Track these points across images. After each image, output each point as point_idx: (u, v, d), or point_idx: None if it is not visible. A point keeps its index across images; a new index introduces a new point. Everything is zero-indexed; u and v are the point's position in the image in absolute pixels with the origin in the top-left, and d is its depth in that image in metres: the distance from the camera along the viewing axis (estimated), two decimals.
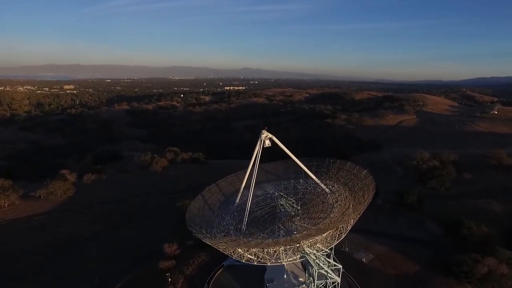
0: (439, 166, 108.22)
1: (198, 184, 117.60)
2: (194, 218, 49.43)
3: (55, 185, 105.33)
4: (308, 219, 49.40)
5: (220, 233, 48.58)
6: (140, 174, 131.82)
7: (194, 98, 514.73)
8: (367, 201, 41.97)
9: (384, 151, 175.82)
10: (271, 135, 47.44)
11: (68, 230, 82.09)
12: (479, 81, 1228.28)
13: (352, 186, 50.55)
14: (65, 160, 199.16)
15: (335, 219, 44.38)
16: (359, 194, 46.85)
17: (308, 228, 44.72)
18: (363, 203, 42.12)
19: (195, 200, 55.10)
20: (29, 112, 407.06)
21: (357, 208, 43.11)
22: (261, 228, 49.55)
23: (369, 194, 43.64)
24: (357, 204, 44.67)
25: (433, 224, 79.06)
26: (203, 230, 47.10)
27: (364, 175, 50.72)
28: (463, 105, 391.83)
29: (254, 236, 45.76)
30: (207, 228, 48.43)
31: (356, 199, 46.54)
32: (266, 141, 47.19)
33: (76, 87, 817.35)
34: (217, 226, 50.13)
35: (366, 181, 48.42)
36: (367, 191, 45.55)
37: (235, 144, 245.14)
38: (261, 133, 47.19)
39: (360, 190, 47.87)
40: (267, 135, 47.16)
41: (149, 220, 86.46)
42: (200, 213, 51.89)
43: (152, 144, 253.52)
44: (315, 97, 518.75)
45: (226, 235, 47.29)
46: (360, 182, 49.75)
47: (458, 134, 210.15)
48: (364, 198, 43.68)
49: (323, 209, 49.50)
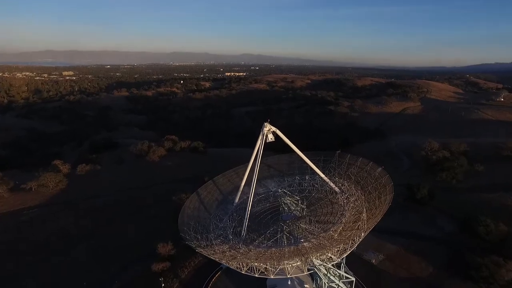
0: (450, 157, 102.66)
1: (196, 175, 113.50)
2: (188, 221, 44.34)
3: (47, 177, 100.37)
4: (315, 223, 44.27)
5: (217, 238, 43.55)
6: (136, 164, 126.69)
7: (194, 84, 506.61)
8: (385, 205, 36.75)
9: (389, 139, 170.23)
10: (275, 128, 41.86)
11: (57, 227, 77.50)
12: (483, 67, 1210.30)
13: (365, 185, 45.25)
14: (61, 148, 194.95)
15: (348, 227, 39.16)
16: (373, 195, 41.59)
17: (317, 236, 39.60)
18: (380, 208, 36.92)
19: (189, 200, 50.00)
20: (27, 99, 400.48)
21: (373, 213, 37.89)
22: (262, 232, 44.50)
23: (386, 197, 38.35)
24: (372, 208, 39.41)
25: (446, 220, 74.15)
26: (197, 235, 42.06)
27: (379, 174, 45.30)
28: (467, 92, 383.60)
29: (255, 244, 40.68)
30: (202, 232, 43.38)
31: (371, 201, 41.30)
32: (269, 135, 41.69)
33: (75, 73, 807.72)
34: (214, 229, 45.07)
35: (382, 181, 43.05)
36: (383, 192, 40.25)
37: (236, 131, 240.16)
38: (263, 126, 41.61)
39: (374, 191, 42.60)
40: (270, 128, 41.60)
41: (143, 215, 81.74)
42: (195, 214, 46.82)
43: (151, 131, 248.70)
44: (317, 83, 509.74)
45: (224, 241, 42.23)
46: (374, 181, 44.43)
47: (464, 122, 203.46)
48: (381, 202, 38.44)
49: (333, 211, 44.32)
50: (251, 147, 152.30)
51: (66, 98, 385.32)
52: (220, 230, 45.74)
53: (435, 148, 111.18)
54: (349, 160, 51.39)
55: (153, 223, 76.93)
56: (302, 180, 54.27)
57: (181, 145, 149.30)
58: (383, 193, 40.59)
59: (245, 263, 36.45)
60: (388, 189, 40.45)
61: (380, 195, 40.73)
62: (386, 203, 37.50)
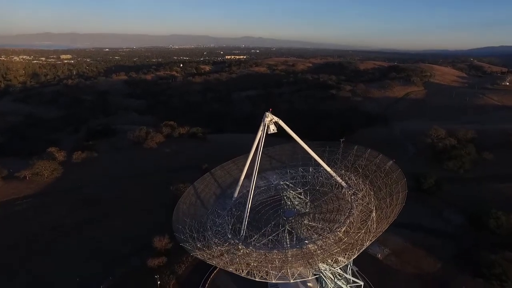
0: (457, 145, 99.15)
1: (195, 163, 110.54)
2: (184, 218, 41.26)
3: (41, 165, 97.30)
4: (320, 220, 41.13)
5: (215, 236, 40.55)
6: (134, 151, 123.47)
7: (194, 67, 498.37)
8: (398, 205, 33.49)
9: (393, 125, 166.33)
10: (277, 118, 38.21)
11: (50, 218, 74.91)
12: (488, 51, 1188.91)
13: (374, 180, 41.91)
14: (58, 134, 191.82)
15: (357, 227, 35.94)
16: (383, 192, 38.33)
17: (323, 237, 36.50)
18: (392, 207, 33.65)
19: (185, 195, 46.82)
20: (25, 83, 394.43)
21: (384, 213, 34.67)
22: (263, 229, 41.42)
23: (398, 195, 35.03)
24: (383, 206, 36.17)
25: (453, 212, 71.42)
26: (194, 234, 39.06)
27: (390, 168, 41.90)
28: (471, 76, 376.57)
29: (255, 245, 37.65)
30: (199, 230, 40.37)
31: (381, 198, 38.06)
32: (271, 126, 38.09)
33: (73, 56, 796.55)
34: (211, 227, 42.04)
35: (393, 176, 39.70)
36: (394, 189, 36.91)
37: (236, 116, 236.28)
38: (264, 116, 37.94)
39: (384, 187, 39.31)
40: (272, 118, 37.97)
41: (139, 206, 78.84)
42: (192, 211, 43.70)
43: (149, 116, 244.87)
44: (318, 66, 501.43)
45: (222, 240, 39.20)
46: (384, 175, 41.08)
47: (470, 108, 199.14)
48: (393, 200, 35.17)
49: (339, 207, 41.12)
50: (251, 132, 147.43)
51: (64, 82, 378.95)
52: (218, 227, 42.73)
53: (441, 135, 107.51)
54: (356, 151, 47.83)
55: (150, 214, 74.22)
56: (306, 172, 50.87)
57: (180, 131, 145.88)
58: (395, 189, 37.33)
59: (244, 266, 33.58)
60: (400, 186, 37.17)
61: (392, 191, 37.49)
62: (398, 202, 34.29)
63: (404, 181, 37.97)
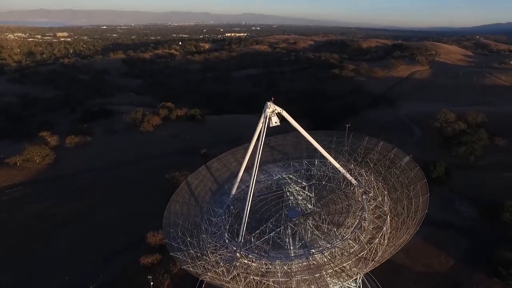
0: (467, 129, 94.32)
1: (193, 147, 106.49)
2: (176, 219, 37.26)
3: (32, 151, 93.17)
4: (328, 223, 37.04)
5: (210, 238, 36.70)
6: (130, 134, 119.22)
7: (193, 46, 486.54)
8: (419, 213, 29.26)
9: (398, 106, 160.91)
10: (280, 109, 33.52)
11: (40, 208, 71.34)
12: (494, 28, 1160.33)
13: (387, 177, 37.58)
14: (54, 116, 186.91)
15: (369, 232, 31.91)
16: (399, 194, 34.07)
17: (331, 242, 32.51)
18: (412, 214, 29.43)
19: (178, 191, 42.64)
20: (20, 62, 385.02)
21: (402, 221, 30.52)
22: (263, 231, 37.46)
23: (418, 200, 30.74)
24: (399, 210, 32.00)
25: (465, 204, 67.58)
26: (187, 238, 35.16)
27: (407, 164, 37.46)
28: (477, 55, 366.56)
29: (254, 250, 33.77)
30: (193, 233, 36.44)
31: (397, 201, 33.82)
32: (273, 118, 33.43)
33: (70, 34, 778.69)
34: (207, 229, 38.09)
35: (410, 174, 35.33)
36: (412, 190, 32.61)
37: (236, 96, 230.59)
38: (265, 106, 33.21)
39: (400, 186, 35.04)
40: (274, 109, 33.24)
41: (134, 196, 74.94)
42: (185, 210, 39.65)
43: (147, 97, 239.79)
44: (320, 44, 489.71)
45: (218, 246, 35.30)
46: (400, 173, 36.72)
47: (477, 88, 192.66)
48: (412, 205, 30.92)
49: (349, 208, 37.00)
50: (251, 113, 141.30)
51: (60, 61, 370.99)
52: (214, 228, 38.84)
53: (450, 119, 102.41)
54: (367, 143, 43.25)
55: (144, 204, 70.33)
56: (311, 165, 46.53)
57: (177, 113, 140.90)
58: (413, 191, 32.99)
59: (243, 278, 29.83)
60: (420, 187, 32.83)
61: (409, 192, 33.22)
62: (419, 208, 30.03)
63: (425, 182, 33.61)
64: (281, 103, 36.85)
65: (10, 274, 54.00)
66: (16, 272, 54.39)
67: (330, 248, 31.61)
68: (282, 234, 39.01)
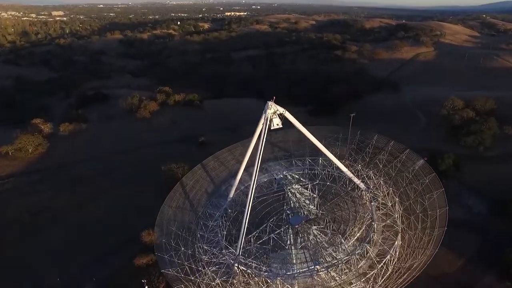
0: (477, 118, 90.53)
1: (191, 135, 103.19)
2: (169, 227, 34.45)
3: (24, 139, 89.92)
4: (333, 232, 34.19)
5: (206, 246, 34.01)
6: (126, 121, 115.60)
7: (192, 25, 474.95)
8: (438, 229, 26.29)
9: (402, 91, 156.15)
10: (283, 109, 30.05)
11: (31, 201, 68.58)
12: (502, 6, 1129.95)
13: (398, 182, 34.47)
14: (49, 99, 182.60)
15: (378, 244, 29.07)
16: (413, 202, 31.03)
17: (338, 261, 29.73)
18: (428, 230, 26.44)
19: (171, 194, 39.66)
20: (14, 42, 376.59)
21: (416, 236, 27.60)
22: (263, 239, 34.77)
23: (435, 213, 27.70)
24: (412, 223, 29.05)
25: (474, 198, 64.72)
26: (181, 248, 32.44)
27: (421, 168, 34.27)
28: (484, 35, 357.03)
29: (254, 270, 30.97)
30: (187, 242, 33.71)
31: (410, 210, 30.83)
32: (274, 120, 30.06)
33: (65, 13, 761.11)
34: (202, 236, 35.34)
35: (425, 181, 32.15)
36: (428, 199, 29.53)
37: (236, 79, 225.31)
38: (266, 106, 29.76)
39: (413, 193, 31.99)
40: (275, 110, 29.79)
41: (128, 188, 71.74)
42: (179, 217, 36.80)
43: (145, 79, 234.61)
44: (322, 24, 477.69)
45: (215, 255, 32.64)
46: (413, 178, 33.62)
47: (484, 71, 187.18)
48: (429, 220, 27.92)
49: (357, 217, 34.05)
50: (251, 96, 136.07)
51: (56, 42, 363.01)
52: (211, 234, 36.12)
53: (458, 106, 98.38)
54: (376, 141, 39.89)
55: (140, 199, 67.56)
56: (315, 164, 43.40)
57: (175, 98, 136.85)
58: (428, 200, 29.88)
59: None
60: (436, 197, 29.69)
61: (424, 202, 30.16)
62: (437, 224, 27.02)
63: (442, 192, 30.50)
64: (282, 87, 33.38)
65: (1, 272, 51.87)
66: (7, 270, 52.24)
67: (336, 265, 28.85)
68: (284, 235, 36.39)
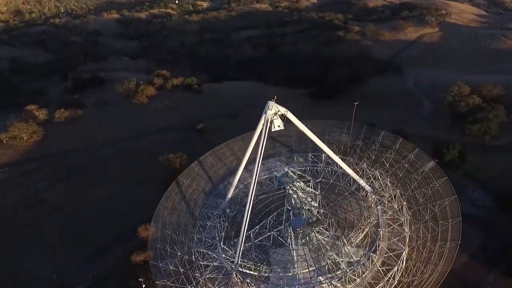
0: (483, 105, 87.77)
1: (189, 121, 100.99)
2: (164, 230, 32.80)
3: (19, 127, 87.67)
4: (336, 232, 32.51)
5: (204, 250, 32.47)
6: (122, 107, 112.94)
7: (190, 4, 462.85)
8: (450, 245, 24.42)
9: (406, 74, 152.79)
10: (285, 109, 27.71)
11: (27, 193, 67.22)
12: None
13: (406, 184, 32.54)
14: (45, 83, 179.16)
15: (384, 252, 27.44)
16: (423, 209, 29.18)
17: (342, 272, 28.14)
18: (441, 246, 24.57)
19: (167, 195, 37.89)
20: (7, 21, 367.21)
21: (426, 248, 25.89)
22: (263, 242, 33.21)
23: (447, 223, 25.89)
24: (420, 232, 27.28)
25: (479, 191, 62.98)
26: (177, 253, 30.89)
27: (430, 171, 32.23)
28: (491, 13, 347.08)
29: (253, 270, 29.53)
30: (183, 246, 32.14)
31: (418, 217, 29.01)
32: (276, 122, 27.79)
33: None
34: (200, 239, 33.75)
35: (435, 185, 30.19)
36: (439, 207, 27.67)
37: (235, 60, 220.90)
38: (266, 106, 27.44)
39: (422, 197, 30.12)
40: (277, 110, 27.46)
41: (125, 179, 70.05)
42: (174, 219, 35.12)
43: (143, 60, 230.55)
44: (324, 3, 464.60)
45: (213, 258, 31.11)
46: (422, 180, 31.67)
47: (491, 53, 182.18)
48: (441, 232, 26.10)
49: (360, 216, 32.35)
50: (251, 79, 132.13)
51: (51, 22, 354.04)
52: (208, 237, 34.51)
53: (465, 92, 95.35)
54: (383, 137, 37.60)
55: (137, 191, 66.05)
56: (317, 160, 41.35)
57: (173, 82, 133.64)
58: (440, 208, 27.97)
59: None
60: (448, 204, 27.77)
61: (434, 208, 28.29)
62: (449, 236, 25.24)
63: (455, 199, 28.56)
64: (283, 69, 30.91)
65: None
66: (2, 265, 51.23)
67: (340, 276, 27.32)
68: (284, 238, 34.85)
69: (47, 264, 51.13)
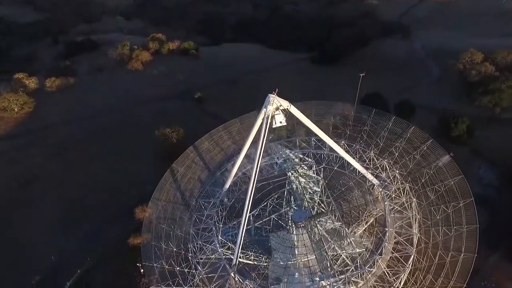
0: (495, 74, 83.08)
1: (187, 89, 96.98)
2: (158, 224, 31.04)
3: (8, 98, 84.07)
4: (341, 231, 30.73)
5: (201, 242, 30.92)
6: (116, 74, 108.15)
7: None
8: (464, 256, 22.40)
9: (413, 37, 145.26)
10: (288, 104, 24.66)
11: (20, 169, 65.28)
12: None
13: (417, 178, 30.13)
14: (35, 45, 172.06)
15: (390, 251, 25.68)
16: (434, 209, 27.02)
17: (346, 274, 26.49)
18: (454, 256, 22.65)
19: (161, 185, 35.82)
20: None
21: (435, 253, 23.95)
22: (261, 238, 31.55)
23: (462, 230, 23.76)
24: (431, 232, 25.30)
25: (485, 167, 60.81)
26: (173, 248, 29.34)
27: (445, 166, 29.62)
28: None
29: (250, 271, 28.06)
30: (179, 241, 30.52)
31: (430, 215, 26.91)
32: (277, 117, 24.86)
33: None
34: (196, 233, 32.07)
35: (449, 182, 27.76)
36: (453, 209, 25.48)
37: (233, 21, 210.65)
38: (266, 100, 24.35)
39: (434, 194, 27.84)
40: (279, 105, 24.41)
41: (119, 153, 67.52)
42: (168, 212, 33.22)
43: (138, 21, 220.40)
44: None
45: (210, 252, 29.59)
46: (435, 175, 29.23)
47: (506, 14, 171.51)
48: (454, 238, 24.05)
49: (367, 211, 30.37)
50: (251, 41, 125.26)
51: None
52: (205, 229, 32.82)
53: (477, 60, 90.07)
54: (393, 124, 34.68)
55: (132, 166, 64.02)
56: (321, 145, 38.66)
57: (169, 46, 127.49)
58: (453, 209, 25.72)
59: None
60: (463, 206, 25.49)
61: (447, 210, 26.09)
62: (463, 245, 23.11)
63: (471, 202, 26.23)
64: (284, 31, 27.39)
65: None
66: None
67: (344, 280, 25.82)
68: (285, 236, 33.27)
69: (43, 245, 50.39)
